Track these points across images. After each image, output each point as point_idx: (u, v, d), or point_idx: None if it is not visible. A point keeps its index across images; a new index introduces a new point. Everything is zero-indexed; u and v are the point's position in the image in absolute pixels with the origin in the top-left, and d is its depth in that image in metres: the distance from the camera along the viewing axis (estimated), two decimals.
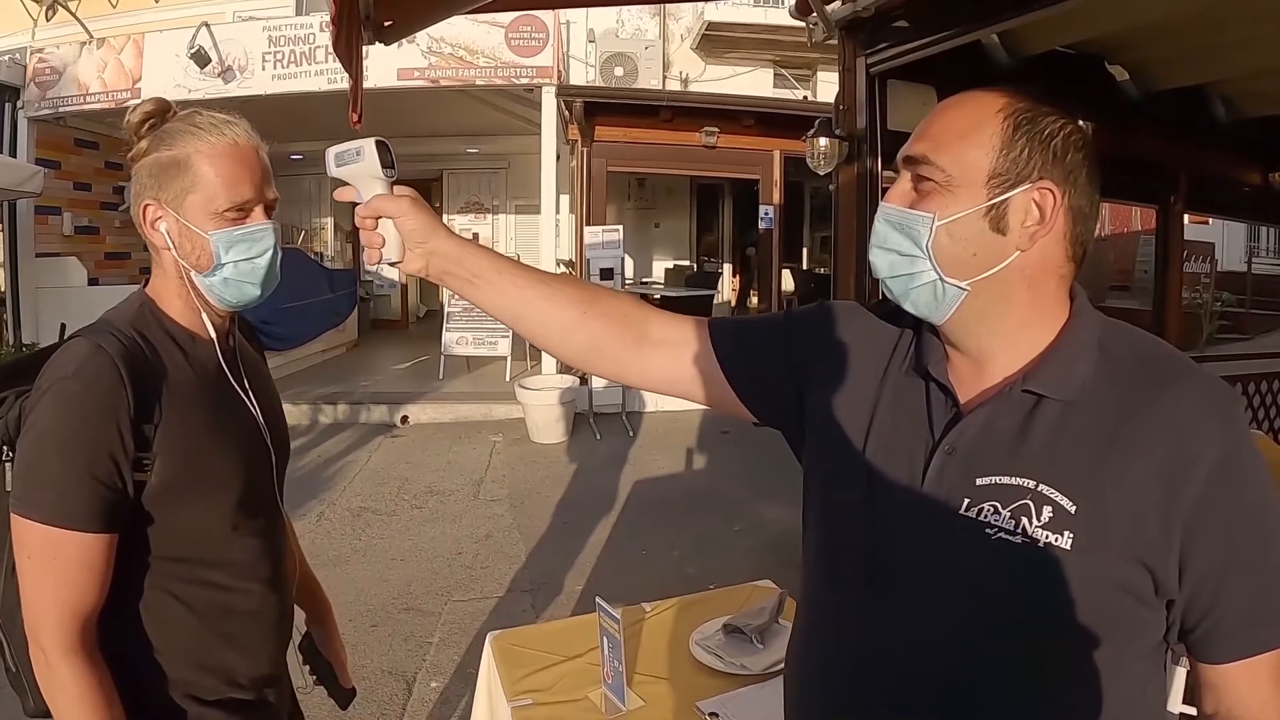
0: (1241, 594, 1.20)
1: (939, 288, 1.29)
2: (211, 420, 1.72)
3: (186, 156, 1.67)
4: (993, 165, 1.25)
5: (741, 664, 2.51)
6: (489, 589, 5.90)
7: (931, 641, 1.29)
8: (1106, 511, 1.18)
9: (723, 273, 18.90)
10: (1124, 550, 1.18)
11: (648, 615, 2.89)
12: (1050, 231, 1.26)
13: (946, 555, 1.28)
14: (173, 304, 1.74)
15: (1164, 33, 5.03)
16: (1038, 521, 1.20)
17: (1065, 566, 1.18)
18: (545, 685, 2.47)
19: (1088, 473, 1.20)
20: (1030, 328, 1.30)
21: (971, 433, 1.29)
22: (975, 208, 1.25)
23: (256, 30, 11.30)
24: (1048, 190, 1.24)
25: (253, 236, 1.71)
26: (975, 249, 1.26)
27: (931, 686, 1.28)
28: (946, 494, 1.28)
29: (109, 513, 1.54)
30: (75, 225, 12.99)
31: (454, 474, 8.74)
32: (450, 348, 12.74)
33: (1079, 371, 1.25)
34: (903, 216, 1.31)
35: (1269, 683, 1.23)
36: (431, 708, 4.42)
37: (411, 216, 1.49)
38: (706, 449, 9.91)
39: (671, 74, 15.96)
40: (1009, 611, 1.24)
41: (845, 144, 4.71)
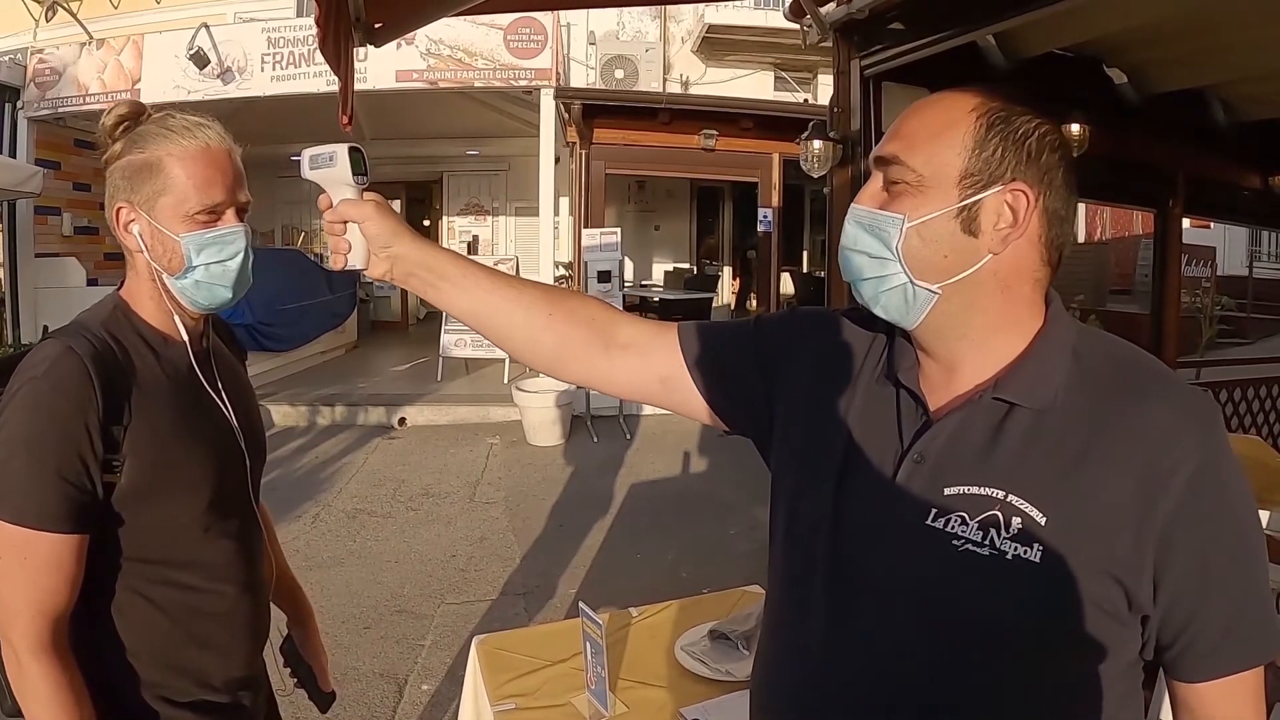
0: (1217, 611, 1.17)
1: (909, 291, 1.25)
2: (182, 422, 1.71)
3: (158, 159, 1.67)
4: (965, 165, 1.22)
5: (727, 670, 2.49)
6: (482, 592, 5.89)
7: (893, 663, 1.25)
8: (1077, 524, 1.15)
9: (722, 276, 18.91)
10: (1095, 564, 1.15)
11: (634, 620, 2.88)
12: (1024, 234, 1.23)
13: (911, 569, 1.24)
14: (145, 306, 1.75)
15: (1161, 35, 5.01)
16: (1006, 533, 1.17)
17: (1034, 581, 1.15)
18: (529, 690, 2.46)
19: (1059, 484, 1.17)
20: (1003, 333, 1.27)
21: (941, 441, 1.26)
22: (946, 209, 1.22)
23: (255, 32, 11.33)
24: (1020, 192, 1.21)
25: (224, 239, 1.72)
26: (946, 251, 1.23)
27: (895, 710, 1.25)
28: (913, 503, 1.25)
29: (78, 513, 1.54)
30: (75, 225, 13.05)
31: (450, 476, 8.72)
32: (449, 349, 12.72)
33: (1052, 379, 1.22)
34: (873, 218, 1.27)
35: (1245, 703, 1.21)
36: (422, 710, 4.41)
37: (375, 221, 1.48)
38: (703, 452, 9.89)
39: (672, 76, 15.98)
40: (975, 628, 1.20)
41: (840, 146, 4.70)
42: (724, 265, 19.41)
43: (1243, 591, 1.18)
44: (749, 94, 15.33)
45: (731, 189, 18.48)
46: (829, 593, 1.32)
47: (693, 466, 9.36)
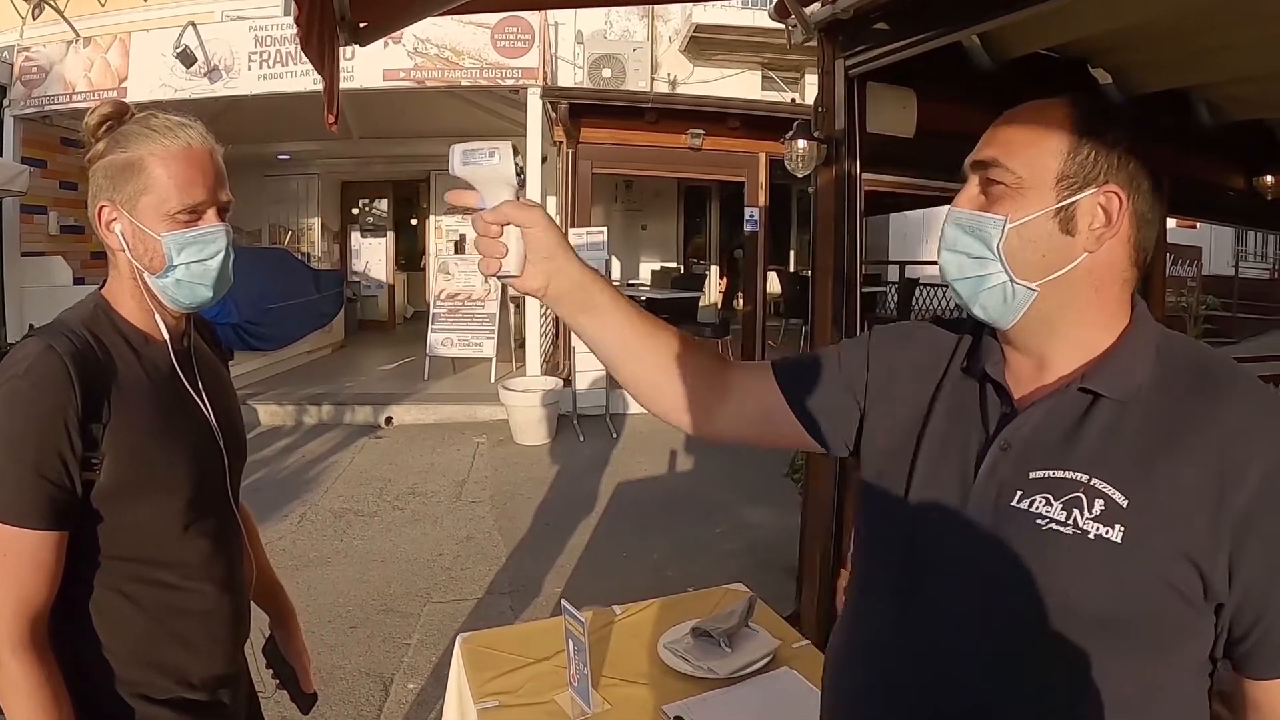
0: None
1: (1009, 289, 1.32)
2: (161, 421, 1.73)
3: (140, 159, 1.68)
4: (1061, 168, 1.29)
5: (709, 668, 2.51)
6: (468, 591, 5.91)
7: (966, 650, 1.30)
8: (1157, 508, 1.20)
9: (709, 275, 18.93)
10: (1173, 547, 1.18)
11: (618, 618, 2.89)
12: (1116, 234, 1.30)
13: (993, 547, 1.29)
14: (126, 305, 1.76)
15: (1145, 37, 5.02)
16: (1089, 514, 1.22)
17: (1115, 559, 1.20)
18: (512, 688, 2.47)
19: (1140, 470, 1.22)
20: (1092, 329, 1.33)
21: (1027, 428, 1.32)
22: (1045, 209, 1.29)
23: (243, 30, 11.28)
24: (1114, 194, 1.28)
25: (204, 239, 1.73)
26: (1045, 250, 1.30)
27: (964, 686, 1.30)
28: (999, 487, 1.31)
29: (57, 511, 1.56)
30: (61, 224, 12.96)
31: (436, 475, 8.73)
32: (435, 349, 12.73)
33: (1136, 374, 1.28)
34: (974, 219, 1.35)
35: None
36: (408, 709, 4.42)
37: (544, 228, 1.43)
38: (689, 451, 9.91)
39: (659, 76, 15.97)
40: (1054, 607, 1.23)
41: (824, 146, 4.70)
42: (711, 265, 19.43)
43: None
44: (737, 93, 15.32)
45: (719, 189, 18.49)
46: (901, 590, 1.38)
47: (679, 466, 9.38)
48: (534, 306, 11.59)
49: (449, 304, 12.99)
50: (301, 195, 17.78)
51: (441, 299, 13.06)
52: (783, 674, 2.51)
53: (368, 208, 19.14)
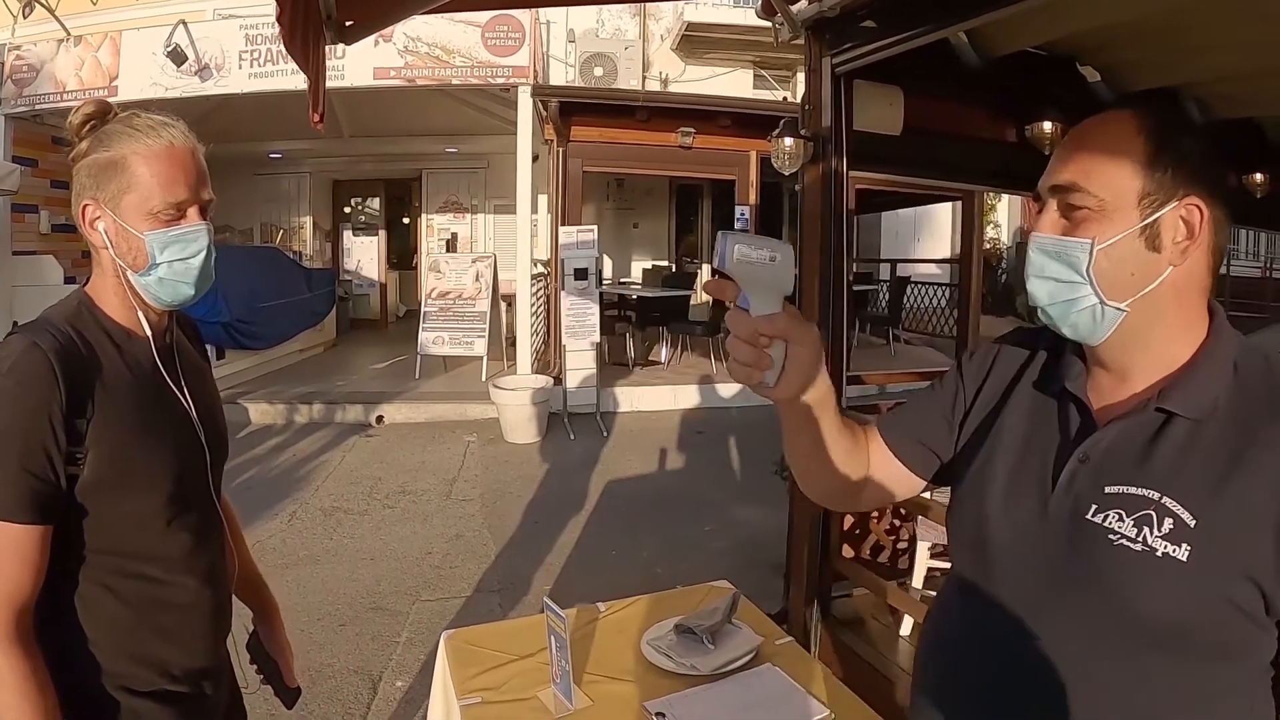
0: None
1: (1099, 310, 1.34)
2: (144, 416, 1.75)
3: (123, 157, 1.70)
4: (1142, 186, 1.30)
5: (691, 664, 2.52)
6: (457, 589, 5.92)
7: (1041, 651, 1.36)
8: (1224, 529, 1.22)
9: (700, 273, 18.93)
10: (1237, 567, 1.22)
11: (602, 615, 2.90)
12: (1199, 245, 1.31)
13: (1069, 559, 1.35)
14: (110, 302, 1.78)
15: (1132, 34, 5.03)
16: (1158, 532, 1.26)
17: (1180, 577, 1.23)
18: (496, 684, 2.47)
19: (1209, 490, 1.25)
20: (1174, 342, 1.36)
21: (1106, 443, 1.36)
22: (1131, 229, 1.31)
23: (234, 29, 11.27)
24: (1195, 205, 1.30)
25: (187, 237, 1.75)
26: (1133, 269, 1.32)
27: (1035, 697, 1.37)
28: (1075, 500, 1.36)
29: (42, 505, 1.58)
30: (52, 223, 12.98)
31: (427, 474, 8.74)
32: (427, 347, 12.75)
33: (1211, 391, 1.30)
34: (1060, 245, 1.36)
35: None
36: (396, 706, 4.44)
37: (814, 346, 1.35)
38: (679, 449, 9.94)
39: (651, 74, 15.97)
40: (1119, 618, 1.30)
41: (810, 144, 4.71)
42: (704, 263, 19.44)
43: None
44: (729, 92, 15.34)
45: (711, 187, 18.47)
46: (986, 572, 1.47)
47: (669, 464, 9.39)
48: (525, 305, 11.60)
49: (440, 302, 13.00)
50: (293, 194, 17.80)
51: (433, 297, 13.07)
52: (765, 670, 2.52)
53: (360, 206, 19.14)
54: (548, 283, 12.55)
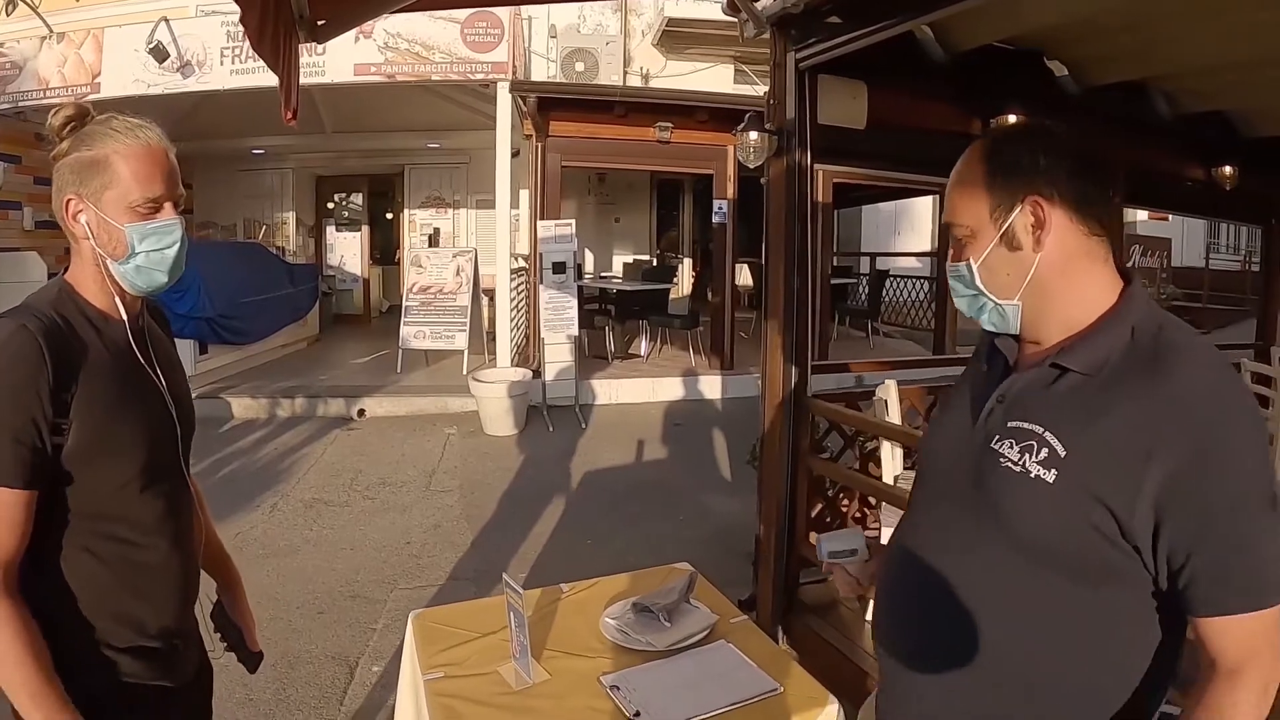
0: (1212, 560, 1.43)
1: (999, 309, 1.67)
2: (122, 391, 1.89)
3: (105, 156, 1.85)
4: (989, 204, 1.62)
5: (648, 641, 2.62)
6: (434, 577, 6.00)
7: (947, 562, 1.68)
8: (1086, 460, 1.48)
9: (682, 267, 19.00)
10: (1095, 492, 1.47)
11: (564, 595, 2.99)
12: (1052, 229, 1.58)
13: (975, 479, 1.65)
14: (89, 288, 1.93)
15: (1098, 28, 5.12)
16: (1035, 458, 1.54)
17: (1047, 497, 1.51)
18: (458, 660, 2.57)
19: (1080, 428, 1.51)
20: (1072, 308, 1.62)
21: (1016, 388, 1.66)
22: (993, 242, 1.63)
23: (215, 25, 11.24)
24: (1035, 201, 1.58)
25: (163, 230, 1.92)
26: (1007, 270, 1.63)
27: (938, 601, 1.66)
28: (987, 431, 1.66)
29: (30, 471, 1.72)
30: (36, 220, 13.00)
31: (407, 466, 8.80)
32: (408, 341, 12.80)
33: (1104, 351, 1.55)
34: (954, 269, 1.72)
35: (1239, 643, 1.44)
36: (371, 690, 4.51)
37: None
38: (656, 441, 10.02)
39: (632, 70, 16.04)
40: (1004, 535, 1.58)
41: (775, 138, 4.79)
42: (684, 257, 19.51)
43: (1237, 545, 1.43)
44: (709, 86, 15.38)
45: (693, 181, 18.53)
46: (924, 493, 1.86)
47: (646, 456, 9.47)
48: (505, 299, 11.64)
49: (421, 297, 13.05)
50: (276, 190, 17.80)
51: (414, 292, 13.12)
52: (719, 646, 2.61)
53: (343, 202, 19.14)
54: (527, 277, 12.60)
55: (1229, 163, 7.49)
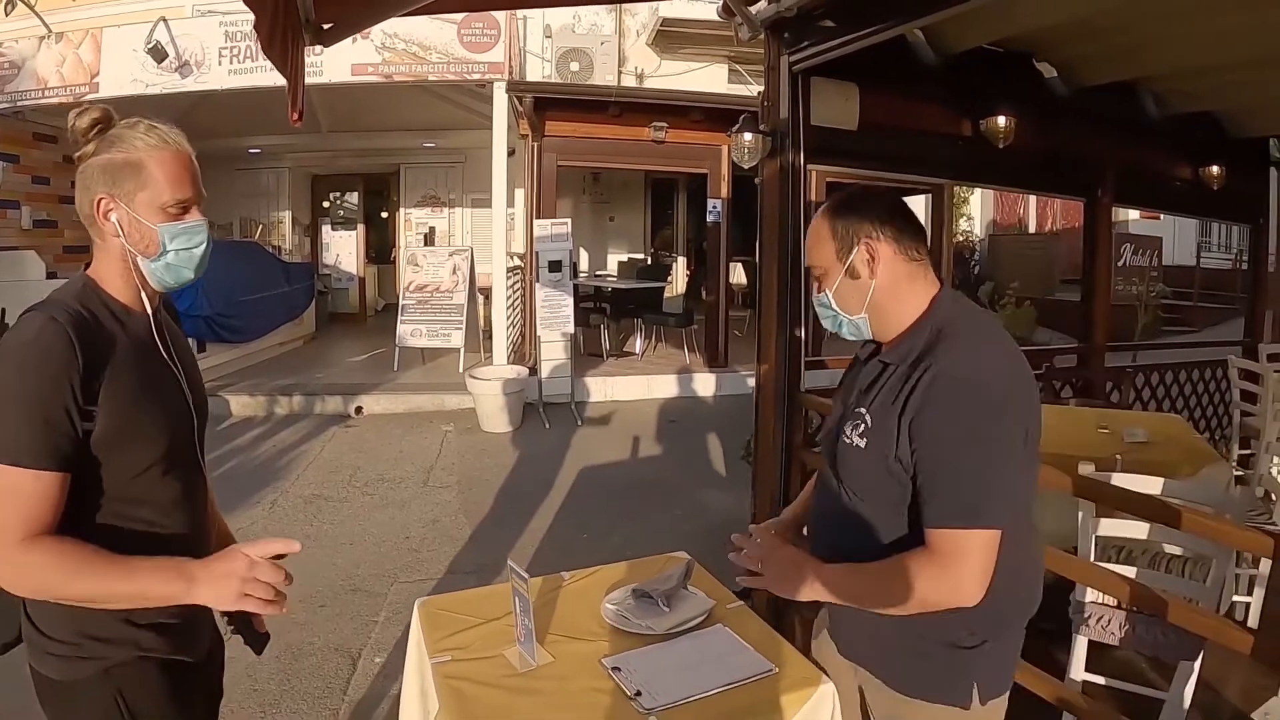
0: (939, 485, 2.00)
1: (852, 323, 2.28)
2: (144, 380, 1.99)
3: (139, 160, 1.96)
4: (835, 249, 2.23)
5: (647, 625, 2.69)
6: (433, 571, 6.09)
7: (830, 508, 2.33)
8: (883, 427, 2.10)
9: (676, 266, 19.09)
10: (887, 449, 2.08)
11: (565, 583, 3.07)
12: (881, 262, 2.19)
13: (835, 450, 2.28)
14: (114, 283, 2.03)
15: (1085, 31, 5.22)
16: (857, 432, 2.17)
17: (861, 457, 2.16)
18: (464, 644, 2.63)
19: (882, 406, 2.12)
20: (900, 317, 2.21)
21: (859, 382, 2.29)
22: (840, 276, 2.23)
23: (213, 25, 11.32)
24: (866, 243, 2.19)
25: (192, 230, 2.04)
26: (852, 294, 2.24)
27: (834, 526, 2.33)
28: (840, 420, 2.29)
29: (63, 456, 1.80)
30: (34, 219, 13.04)
31: (405, 462, 8.88)
32: (405, 340, 12.89)
33: (912, 349, 2.12)
34: (818, 299, 2.33)
35: (947, 554, 1.99)
36: (373, 680, 4.59)
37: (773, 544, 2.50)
38: (652, 438, 10.13)
39: (627, 69, 16.12)
40: (845, 479, 2.25)
41: (769, 139, 4.88)
42: (679, 256, 19.60)
43: (950, 471, 1.99)
44: (703, 86, 15.46)
45: (687, 181, 18.62)
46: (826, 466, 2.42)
47: (640, 452, 9.56)
48: (501, 298, 11.72)
49: (418, 295, 13.13)
50: (272, 189, 17.85)
51: (410, 291, 13.20)
52: (717, 630, 2.70)
53: (338, 201, 19.18)
54: (523, 275, 12.68)
55: (1216, 163, 7.58)
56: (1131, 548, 3.90)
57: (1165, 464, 4.10)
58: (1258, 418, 6.52)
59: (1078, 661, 3.62)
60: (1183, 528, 2.97)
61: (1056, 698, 3.40)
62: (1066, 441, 4.81)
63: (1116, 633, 3.48)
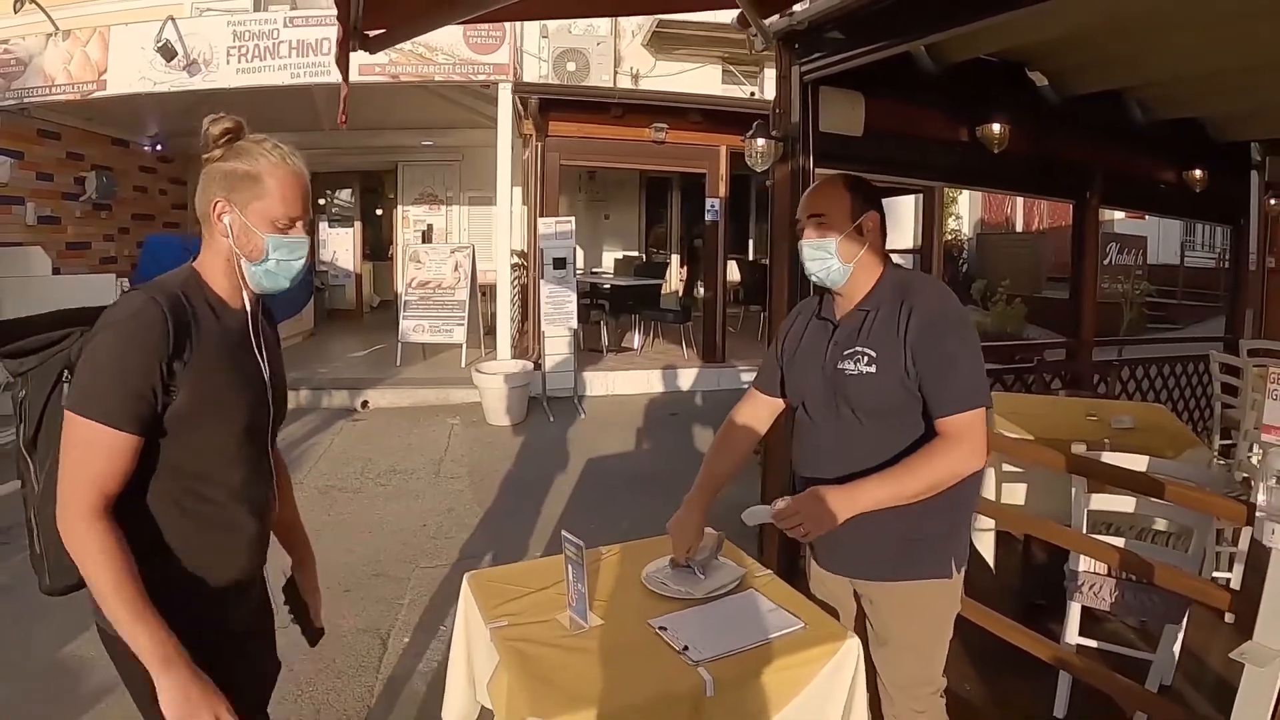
0: (940, 383, 2.62)
1: (841, 269, 2.80)
2: (228, 366, 2.17)
3: (260, 174, 2.16)
4: (850, 210, 2.79)
5: (686, 590, 2.96)
6: (452, 556, 6.32)
7: (831, 434, 2.83)
8: (888, 355, 2.67)
9: (670, 263, 19.29)
10: (898, 369, 2.65)
11: (604, 557, 3.33)
12: (874, 233, 2.81)
13: (833, 389, 2.79)
14: (215, 278, 2.22)
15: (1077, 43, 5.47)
16: (863, 364, 2.71)
17: (875, 382, 2.69)
18: (517, 611, 2.86)
19: (880, 340, 2.70)
20: (867, 278, 2.82)
21: (840, 333, 2.84)
22: (847, 230, 2.78)
23: (221, 24, 11.44)
24: (872, 216, 2.81)
25: (294, 244, 2.23)
26: (849, 248, 2.79)
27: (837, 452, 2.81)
28: (832, 361, 2.80)
29: (141, 420, 1.99)
30: (38, 215, 13.13)
31: (414, 455, 9.08)
32: (407, 335, 13.07)
33: (882, 299, 2.77)
34: (818, 243, 2.81)
35: (957, 432, 2.60)
36: (403, 658, 4.82)
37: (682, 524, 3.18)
38: (654, 430, 10.36)
39: (622, 69, 16.23)
40: (858, 409, 2.74)
41: (781, 144, 5.14)
42: (672, 254, 19.82)
43: (949, 372, 2.61)
44: (698, 86, 15.56)
45: (680, 180, 18.86)
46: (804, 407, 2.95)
47: (644, 444, 9.80)
48: (505, 294, 11.95)
49: (420, 292, 13.31)
50: None
51: (413, 287, 13.37)
52: (749, 594, 2.96)
53: (334, 198, 19.29)
54: (524, 272, 12.90)
55: (1199, 166, 7.86)
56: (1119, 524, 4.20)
57: (1150, 448, 4.29)
58: (1238, 409, 6.81)
59: (1072, 626, 3.93)
60: (1166, 498, 3.28)
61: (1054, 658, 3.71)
62: (1057, 428, 5.06)
63: (1107, 598, 3.77)
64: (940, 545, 2.80)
